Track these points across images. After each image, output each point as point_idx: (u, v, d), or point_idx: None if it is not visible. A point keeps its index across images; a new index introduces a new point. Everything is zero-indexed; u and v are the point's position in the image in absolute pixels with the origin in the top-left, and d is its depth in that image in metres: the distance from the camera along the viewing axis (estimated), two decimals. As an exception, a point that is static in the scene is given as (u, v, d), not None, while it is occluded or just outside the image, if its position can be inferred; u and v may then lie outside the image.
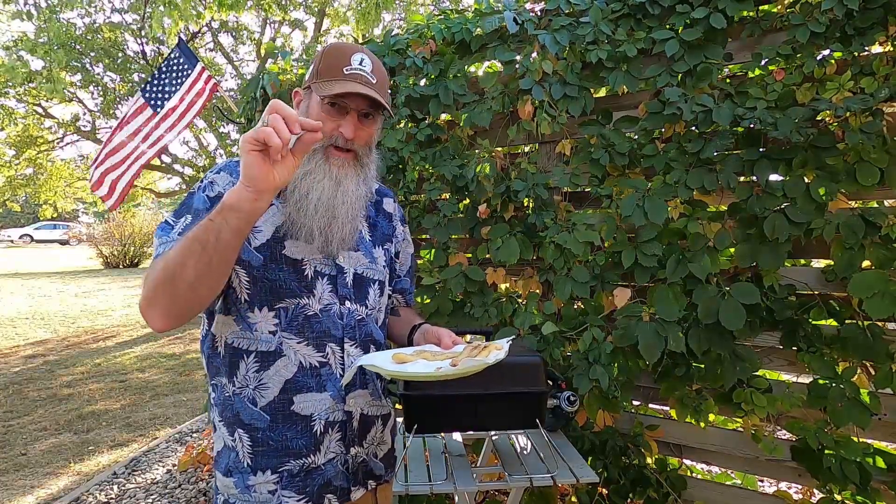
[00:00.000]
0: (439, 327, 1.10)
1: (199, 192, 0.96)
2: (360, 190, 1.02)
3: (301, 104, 1.03)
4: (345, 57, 0.97)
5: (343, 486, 1.01)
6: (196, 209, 0.94)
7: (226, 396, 0.97)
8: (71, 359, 5.53)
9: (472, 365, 0.88)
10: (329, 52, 0.99)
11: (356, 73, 0.96)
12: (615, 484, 1.95)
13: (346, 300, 1.02)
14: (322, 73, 0.97)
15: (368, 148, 1.03)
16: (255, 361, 0.95)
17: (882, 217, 1.57)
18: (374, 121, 1.02)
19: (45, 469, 3.03)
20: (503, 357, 0.92)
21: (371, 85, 0.96)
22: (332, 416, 0.99)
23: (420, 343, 1.11)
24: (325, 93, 0.94)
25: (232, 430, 0.96)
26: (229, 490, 0.97)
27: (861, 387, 1.64)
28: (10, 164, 13.49)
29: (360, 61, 0.97)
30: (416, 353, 0.98)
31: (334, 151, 0.98)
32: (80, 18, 11.17)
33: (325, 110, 0.97)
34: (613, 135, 1.96)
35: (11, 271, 13.80)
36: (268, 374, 0.95)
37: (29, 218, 33.45)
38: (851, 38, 1.63)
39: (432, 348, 1.03)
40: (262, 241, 0.95)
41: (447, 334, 1.06)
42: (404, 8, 10.65)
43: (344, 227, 1.00)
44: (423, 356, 0.97)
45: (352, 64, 0.97)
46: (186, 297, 0.81)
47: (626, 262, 1.87)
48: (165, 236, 0.91)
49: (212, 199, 0.95)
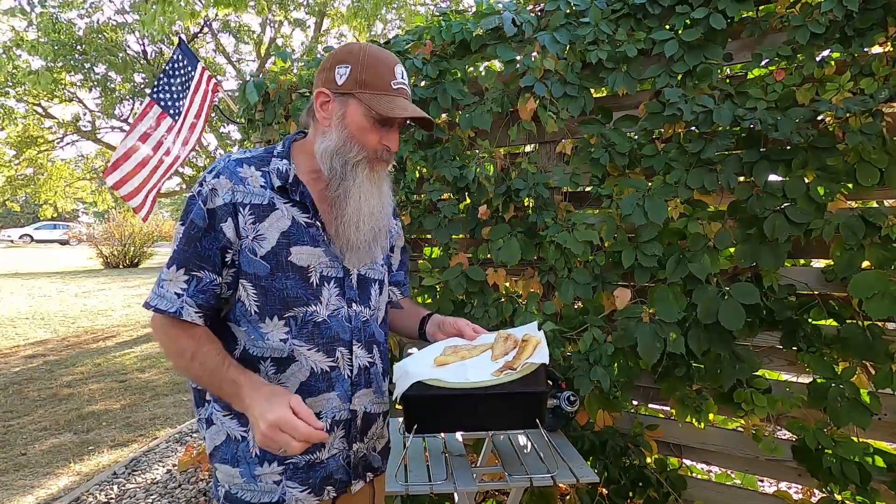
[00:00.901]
0: (455, 318, 1.13)
1: (199, 202, 0.93)
2: (389, 191, 1.05)
3: (332, 109, 0.97)
4: (389, 70, 0.95)
5: (343, 479, 1.04)
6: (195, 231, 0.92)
7: None
8: (71, 359, 5.53)
9: (529, 365, 0.89)
10: (371, 61, 0.95)
11: (402, 87, 0.97)
12: (615, 484, 1.95)
13: (352, 303, 1.03)
14: (368, 84, 0.94)
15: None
16: (271, 365, 0.97)
17: (882, 218, 1.57)
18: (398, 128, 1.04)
19: (45, 469, 3.03)
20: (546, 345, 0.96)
21: (412, 99, 0.99)
22: (338, 414, 1.00)
23: (435, 335, 1.13)
24: (383, 111, 0.93)
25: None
26: (233, 480, 0.98)
27: (861, 387, 1.64)
28: (10, 165, 13.49)
29: (401, 74, 0.98)
30: (451, 351, 0.99)
31: (378, 164, 0.99)
32: (80, 19, 11.18)
33: (371, 123, 0.96)
34: (614, 135, 1.96)
35: (11, 271, 13.80)
36: (285, 375, 0.97)
37: (29, 218, 33.46)
38: (851, 39, 1.63)
39: (460, 342, 1.05)
40: (268, 248, 0.94)
41: (466, 324, 1.09)
42: (404, 7, 10.65)
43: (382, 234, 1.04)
44: (460, 353, 0.97)
45: (396, 77, 0.96)
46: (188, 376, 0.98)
47: (626, 262, 1.87)
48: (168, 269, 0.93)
49: (210, 214, 0.92)
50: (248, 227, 0.93)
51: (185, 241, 0.92)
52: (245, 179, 0.95)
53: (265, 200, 0.95)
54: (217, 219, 0.92)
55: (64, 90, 11.75)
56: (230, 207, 0.92)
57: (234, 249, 0.93)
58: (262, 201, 0.95)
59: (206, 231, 0.92)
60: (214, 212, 0.92)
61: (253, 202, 0.94)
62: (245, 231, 0.93)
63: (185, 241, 0.92)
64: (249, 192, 0.94)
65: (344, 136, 0.96)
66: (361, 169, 0.96)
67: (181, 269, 0.92)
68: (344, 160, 0.96)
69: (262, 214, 0.94)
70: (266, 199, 0.95)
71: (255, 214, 0.94)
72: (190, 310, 0.91)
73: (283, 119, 2.71)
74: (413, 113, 0.95)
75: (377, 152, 0.97)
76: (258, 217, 0.94)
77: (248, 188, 0.94)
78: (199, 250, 0.91)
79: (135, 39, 11.80)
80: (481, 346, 0.99)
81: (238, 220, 0.93)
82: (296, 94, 2.64)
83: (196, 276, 0.91)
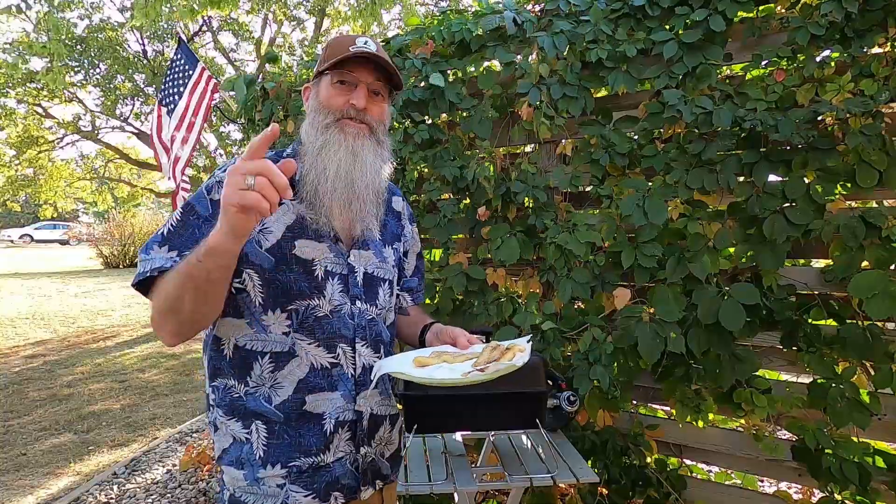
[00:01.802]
0: (453, 327, 1.10)
1: (205, 193, 0.94)
2: (377, 164, 1.01)
3: (310, 97, 1.04)
4: (349, 40, 1.00)
5: (351, 485, 1.01)
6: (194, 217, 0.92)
7: (235, 397, 0.97)
8: (71, 359, 5.53)
9: (502, 368, 0.88)
10: (333, 41, 1.02)
11: (361, 49, 0.98)
12: (615, 484, 1.95)
13: (356, 300, 1.02)
14: (329, 57, 0.99)
15: (383, 125, 1.04)
16: (269, 362, 0.96)
17: (882, 219, 1.57)
18: (383, 99, 1.04)
19: (45, 469, 3.03)
20: (528, 358, 0.93)
21: (377, 58, 0.98)
22: (342, 415, 0.99)
23: (433, 343, 1.11)
24: (332, 62, 0.96)
25: (248, 423, 0.96)
26: (237, 483, 0.97)
27: (861, 387, 1.64)
28: (10, 165, 13.50)
29: (364, 42, 1.00)
30: (436, 356, 0.98)
31: (348, 122, 0.99)
32: (80, 19, 11.19)
33: (335, 87, 0.99)
34: (614, 135, 1.96)
35: (11, 271, 13.80)
36: (282, 373, 0.96)
37: (29, 218, 33.47)
38: (851, 40, 1.64)
39: (450, 349, 1.03)
40: (273, 241, 0.95)
41: (462, 334, 1.06)
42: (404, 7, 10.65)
43: (365, 205, 1.00)
44: (444, 358, 0.97)
45: (356, 44, 0.99)
46: (190, 320, 0.86)
47: (626, 263, 1.87)
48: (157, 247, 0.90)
49: (214, 204, 0.93)
50: None
51: (181, 224, 0.91)
52: None
53: None
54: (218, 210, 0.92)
55: (64, 90, 11.75)
56: None
57: None
58: None
59: (206, 220, 0.92)
60: (219, 202, 0.92)
61: None
62: None
63: (181, 223, 0.91)
64: None
65: (315, 108, 1.01)
66: (332, 131, 0.98)
67: (173, 251, 0.89)
68: (316, 127, 0.99)
69: None
70: None
71: None
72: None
73: (281, 118, 2.71)
74: (359, 52, 0.96)
75: (343, 111, 0.99)
76: None
77: None
78: (195, 235, 0.90)
79: (135, 39, 11.81)
80: (469, 354, 0.98)
81: None
82: (295, 92, 2.64)
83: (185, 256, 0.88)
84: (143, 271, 0.89)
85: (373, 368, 1.01)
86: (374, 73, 0.99)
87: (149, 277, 0.88)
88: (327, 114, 0.99)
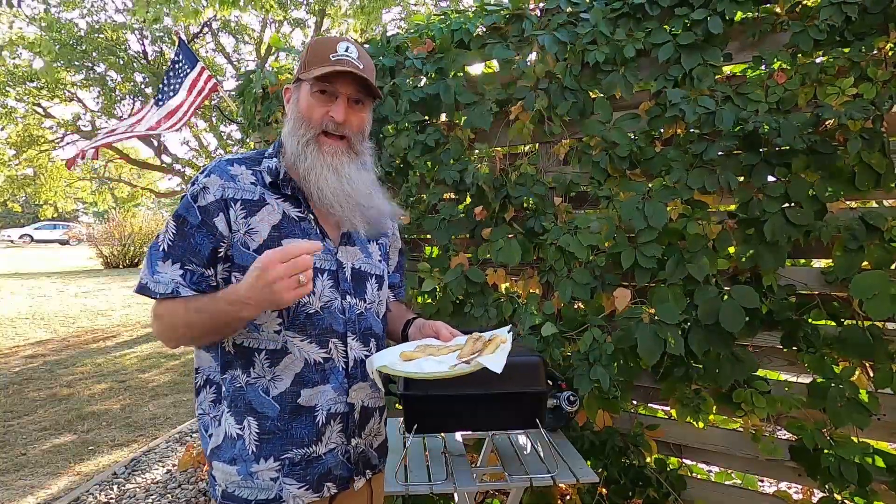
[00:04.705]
0: (435, 321, 1.12)
1: (191, 202, 0.95)
2: (361, 174, 1.04)
3: (290, 99, 1.05)
4: (330, 45, 0.99)
5: (344, 476, 1.03)
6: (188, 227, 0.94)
7: (237, 387, 0.98)
8: (71, 359, 5.53)
9: (488, 361, 0.89)
10: (314, 44, 1.02)
11: (342, 58, 0.98)
12: (615, 484, 1.95)
13: (346, 295, 1.03)
14: (309, 63, 0.99)
15: (361, 135, 1.05)
16: (266, 358, 0.98)
17: (882, 220, 1.57)
18: (364, 107, 1.04)
19: (45, 469, 3.03)
20: (510, 348, 0.94)
21: (358, 69, 0.98)
22: (334, 407, 1.01)
23: (416, 337, 1.12)
24: (313, 76, 0.96)
25: (241, 419, 0.98)
26: (230, 478, 0.98)
27: (860, 387, 1.64)
28: (10, 164, 13.49)
29: (345, 49, 1.00)
30: (421, 349, 0.99)
31: (325, 139, 1.00)
32: (81, 19, 11.18)
33: (315, 98, 0.99)
34: (615, 134, 1.96)
35: (11, 271, 13.80)
36: (279, 368, 0.98)
37: (29, 218, 33.44)
38: (851, 44, 1.64)
39: (434, 342, 1.04)
40: (259, 241, 0.96)
41: (444, 327, 1.08)
42: (404, 7, 10.64)
43: (370, 209, 1.04)
44: (429, 351, 0.98)
45: (338, 51, 0.99)
46: (198, 342, 0.99)
47: (626, 263, 1.86)
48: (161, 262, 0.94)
49: (203, 211, 0.94)
50: (239, 222, 0.95)
51: (178, 236, 0.94)
52: (235, 177, 0.98)
53: (256, 196, 0.98)
54: (209, 214, 0.94)
55: (64, 90, 11.75)
56: (221, 203, 0.95)
57: (226, 244, 0.95)
58: (252, 197, 0.98)
59: (198, 227, 0.94)
60: (206, 208, 0.94)
61: (244, 198, 0.97)
62: (237, 225, 0.95)
63: (178, 235, 0.94)
64: (240, 189, 0.97)
65: (295, 117, 1.02)
66: (311, 150, 0.99)
67: (176, 264, 0.94)
68: (297, 140, 1.00)
69: (253, 209, 0.97)
70: (257, 195, 0.98)
71: (247, 209, 0.96)
72: (187, 290, 0.93)
73: (281, 117, 2.71)
74: (340, 68, 0.96)
75: (322, 124, 0.99)
76: (249, 212, 0.96)
77: (238, 185, 0.98)
78: (193, 245, 0.94)
79: (135, 39, 11.80)
80: (452, 346, 0.99)
81: (230, 214, 0.95)
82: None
83: (189, 270, 0.94)
84: (154, 291, 0.93)
85: (364, 362, 1.04)
86: (354, 83, 0.99)
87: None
88: (307, 127, 1.00)
